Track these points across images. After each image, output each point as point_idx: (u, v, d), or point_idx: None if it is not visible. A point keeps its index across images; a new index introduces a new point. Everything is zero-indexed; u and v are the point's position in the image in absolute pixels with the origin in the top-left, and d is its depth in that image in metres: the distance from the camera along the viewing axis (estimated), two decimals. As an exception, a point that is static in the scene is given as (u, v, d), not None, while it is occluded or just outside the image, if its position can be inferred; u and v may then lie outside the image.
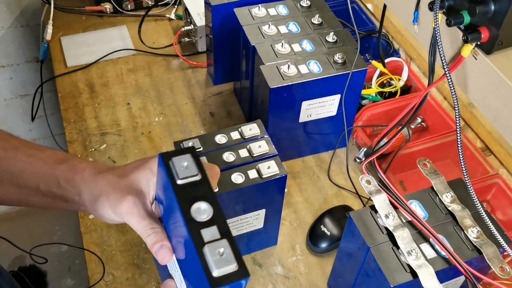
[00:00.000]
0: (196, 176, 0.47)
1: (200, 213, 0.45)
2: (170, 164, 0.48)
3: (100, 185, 0.54)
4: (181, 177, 0.47)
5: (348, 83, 0.91)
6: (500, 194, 0.96)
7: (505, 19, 0.51)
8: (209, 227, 0.45)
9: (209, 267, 0.43)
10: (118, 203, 0.52)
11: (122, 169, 0.55)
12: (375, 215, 0.69)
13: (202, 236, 0.44)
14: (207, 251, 0.43)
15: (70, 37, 1.29)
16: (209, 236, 0.44)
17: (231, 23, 1.02)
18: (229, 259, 0.43)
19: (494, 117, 0.57)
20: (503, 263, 0.63)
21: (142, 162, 0.55)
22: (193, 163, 0.48)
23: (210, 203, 0.46)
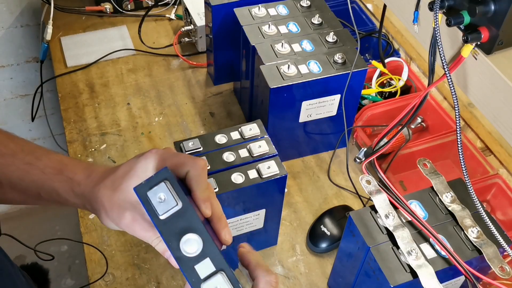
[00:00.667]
0: (176, 206, 0.47)
1: (190, 247, 0.46)
2: (147, 199, 0.47)
3: (97, 200, 0.54)
4: (161, 213, 0.47)
5: (348, 83, 0.91)
6: (500, 194, 0.96)
7: (505, 19, 0.51)
8: (202, 261, 0.45)
9: None
10: (118, 220, 0.53)
11: (113, 178, 0.55)
12: (375, 215, 0.69)
13: (197, 272, 0.45)
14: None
15: (70, 37, 1.29)
16: (204, 271, 0.45)
17: (231, 23, 1.02)
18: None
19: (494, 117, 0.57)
20: (503, 263, 0.63)
21: (129, 168, 0.54)
22: (170, 192, 0.47)
23: (197, 233, 0.46)
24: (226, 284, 0.44)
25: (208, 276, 0.45)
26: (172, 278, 0.88)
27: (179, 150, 0.80)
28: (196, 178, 0.52)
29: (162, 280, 0.88)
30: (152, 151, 0.55)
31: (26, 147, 0.60)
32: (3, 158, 0.58)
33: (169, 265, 0.89)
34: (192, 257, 0.45)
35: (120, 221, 0.53)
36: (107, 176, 0.55)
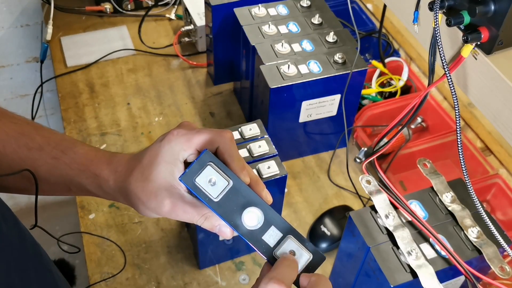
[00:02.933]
0: (228, 185, 0.47)
1: (252, 220, 0.46)
2: (196, 186, 0.47)
3: (131, 194, 0.54)
4: (215, 196, 0.47)
5: (348, 83, 0.91)
6: (500, 194, 0.96)
7: (505, 19, 0.51)
8: (268, 231, 0.46)
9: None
10: (158, 209, 0.53)
11: (141, 169, 0.54)
12: (375, 215, 0.69)
13: (266, 242, 0.46)
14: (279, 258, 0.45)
15: (70, 37, 1.29)
16: (272, 239, 0.46)
17: (231, 23, 1.02)
18: (302, 254, 0.45)
19: (494, 117, 0.57)
20: (503, 263, 0.63)
21: (155, 154, 0.53)
22: (218, 173, 0.47)
23: (254, 205, 0.47)
24: (296, 245, 0.45)
25: (277, 243, 0.46)
26: (172, 278, 0.88)
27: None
28: (228, 151, 0.51)
29: (162, 280, 0.87)
30: (173, 132, 0.54)
31: (52, 139, 0.59)
32: (30, 152, 0.57)
33: (169, 265, 0.89)
34: (257, 229, 0.46)
35: (161, 210, 0.52)
36: (134, 168, 0.54)
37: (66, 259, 1.64)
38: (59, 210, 1.85)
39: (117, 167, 0.56)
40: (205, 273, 0.89)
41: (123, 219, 0.95)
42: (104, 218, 0.95)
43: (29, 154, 0.57)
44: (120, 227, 0.94)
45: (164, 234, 0.93)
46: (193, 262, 0.90)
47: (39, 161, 0.57)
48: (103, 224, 0.94)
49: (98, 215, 0.95)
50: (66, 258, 1.65)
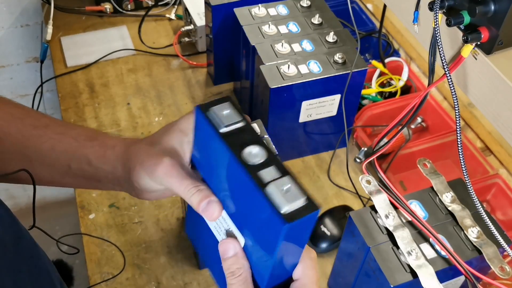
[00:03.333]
0: (240, 122, 0.45)
1: (253, 157, 0.43)
2: (210, 114, 0.46)
3: (132, 156, 0.54)
4: (225, 125, 0.45)
5: (348, 83, 0.91)
6: (500, 194, 0.96)
7: (505, 19, 0.51)
8: (266, 168, 0.42)
9: (277, 205, 0.40)
10: (154, 168, 0.51)
11: (151, 137, 0.55)
12: (375, 215, 0.69)
13: (261, 177, 0.42)
14: (271, 190, 0.40)
15: (70, 37, 1.29)
16: (269, 176, 0.42)
17: (231, 23, 1.02)
18: (296, 194, 0.41)
19: (494, 117, 0.57)
20: (503, 263, 0.63)
21: (171, 126, 0.54)
22: (234, 110, 0.46)
23: (261, 146, 0.44)
24: (292, 184, 0.41)
25: (273, 180, 0.42)
26: (172, 278, 0.88)
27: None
28: None
29: (162, 280, 0.88)
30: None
31: (59, 121, 0.60)
32: (36, 130, 0.57)
33: (169, 265, 0.89)
34: (256, 165, 0.43)
35: (156, 169, 0.50)
36: (146, 138, 0.56)
37: (65, 259, 1.64)
38: (59, 210, 1.85)
39: (127, 139, 0.57)
40: (205, 273, 0.89)
41: (123, 219, 0.95)
42: (104, 218, 0.95)
43: (34, 132, 0.57)
44: (120, 227, 0.94)
45: (164, 234, 0.93)
46: (193, 262, 0.90)
47: (44, 137, 0.57)
48: (103, 224, 0.94)
49: (98, 215, 0.95)
50: (65, 259, 1.65)
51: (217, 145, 0.45)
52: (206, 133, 0.46)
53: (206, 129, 0.46)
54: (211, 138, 0.45)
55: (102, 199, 0.98)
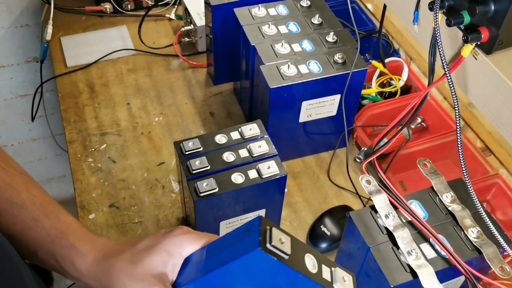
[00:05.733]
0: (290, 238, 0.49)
1: (312, 266, 0.49)
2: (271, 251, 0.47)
3: (110, 274, 0.51)
4: (288, 253, 0.47)
5: (348, 83, 0.91)
6: (500, 194, 0.96)
7: (505, 19, 0.51)
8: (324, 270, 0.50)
9: None
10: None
11: (132, 252, 0.51)
12: (375, 215, 0.69)
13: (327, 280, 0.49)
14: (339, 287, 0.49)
15: (70, 37, 1.29)
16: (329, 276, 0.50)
17: (231, 23, 1.02)
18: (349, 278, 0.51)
19: (494, 117, 0.57)
20: (503, 263, 0.63)
21: (154, 242, 0.51)
22: (281, 231, 0.48)
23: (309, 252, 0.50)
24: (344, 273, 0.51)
25: (332, 277, 0.50)
26: (172, 278, 0.88)
27: (179, 150, 0.80)
28: None
29: (162, 280, 0.87)
30: (183, 228, 0.52)
31: (39, 199, 0.57)
32: (11, 207, 0.55)
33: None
34: (317, 273, 0.49)
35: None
36: (125, 250, 0.52)
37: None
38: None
39: (101, 246, 0.54)
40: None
41: (123, 219, 0.95)
42: (104, 218, 0.95)
43: (9, 209, 0.55)
44: (120, 227, 0.94)
45: (164, 234, 0.93)
46: (193, 262, 0.90)
47: (17, 218, 0.55)
48: (103, 224, 0.94)
49: (98, 215, 0.95)
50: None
51: (283, 273, 0.48)
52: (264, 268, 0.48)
53: (267, 264, 0.47)
54: (274, 269, 0.48)
55: (102, 199, 0.98)
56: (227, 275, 0.49)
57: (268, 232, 0.47)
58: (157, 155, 1.05)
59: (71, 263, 0.53)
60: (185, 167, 0.78)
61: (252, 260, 0.47)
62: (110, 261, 0.51)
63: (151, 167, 1.03)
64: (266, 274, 0.48)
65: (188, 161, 0.78)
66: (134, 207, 0.97)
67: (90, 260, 0.52)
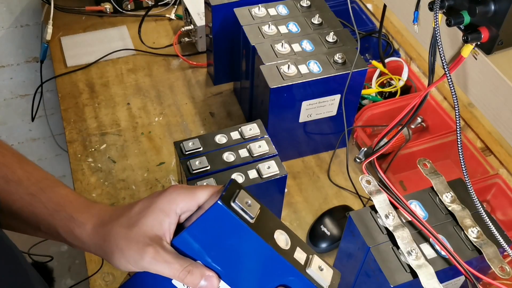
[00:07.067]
0: (259, 208, 0.49)
1: (283, 242, 0.49)
2: (234, 208, 0.47)
3: (109, 240, 0.51)
4: (252, 216, 0.48)
5: (348, 83, 0.91)
6: (500, 194, 0.96)
7: (505, 19, 0.51)
8: (296, 251, 0.49)
9: (321, 285, 0.49)
10: (138, 257, 0.49)
11: (128, 216, 0.51)
12: (375, 215, 0.69)
13: (298, 261, 0.49)
14: (312, 272, 0.48)
15: (70, 37, 1.29)
16: (301, 258, 0.49)
17: (231, 23, 1.02)
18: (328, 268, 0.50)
19: (494, 117, 0.57)
20: (503, 263, 0.63)
21: (149, 203, 0.51)
22: (253, 199, 0.49)
23: (284, 230, 0.50)
24: (322, 262, 0.49)
25: (306, 262, 0.49)
26: (172, 278, 0.88)
27: (179, 150, 0.80)
28: None
29: (162, 280, 0.87)
30: (175, 186, 0.52)
31: (33, 175, 0.57)
32: (8, 184, 0.55)
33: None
34: (287, 250, 0.49)
35: (141, 258, 0.49)
36: (122, 214, 0.52)
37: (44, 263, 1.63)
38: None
39: (99, 213, 0.54)
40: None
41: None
42: (104, 218, 0.95)
43: (6, 187, 0.55)
44: (120, 227, 0.94)
45: (164, 234, 0.93)
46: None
47: (15, 195, 0.55)
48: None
49: (98, 215, 0.95)
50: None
51: (247, 236, 0.48)
52: (229, 226, 0.48)
53: (230, 222, 0.48)
54: (238, 230, 0.48)
55: (102, 199, 0.98)
56: (198, 233, 0.49)
57: (236, 192, 0.48)
58: (157, 155, 1.05)
59: (72, 233, 0.54)
60: (185, 167, 0.78)
61: (215, 215, 0.47)
62: (108, 227, 0.52)
63: (151, 167, 1.03)
64: (232, 235, 0.48)
65: (188, 161, 0.78)
66: (134, 207, 0.97)
67: (89, 228, 0.53)
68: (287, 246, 0.48)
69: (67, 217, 0.54)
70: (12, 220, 0.55)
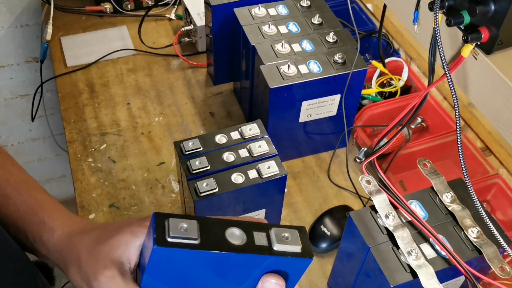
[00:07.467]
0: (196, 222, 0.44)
1: (236, 239, 0.45)
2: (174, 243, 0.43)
3: (71, 252, 0.49)
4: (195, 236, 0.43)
5: (348, 83, 0.91)
6: (500, 194, 0.96)
7: (505, 19, 0.51)
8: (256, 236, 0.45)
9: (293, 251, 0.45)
10: (92, 277, 0.46)
11: (99, 232, 0.49)
12: (375, 215, 0.69)
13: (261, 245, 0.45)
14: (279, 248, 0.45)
15: (70, 37, 1.29)
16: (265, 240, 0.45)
17: (231, 23, 1.02)
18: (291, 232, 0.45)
19: (494, 117, 0.57)
20: (503, 263, 0.63)
21: (123, 224, 0.49)
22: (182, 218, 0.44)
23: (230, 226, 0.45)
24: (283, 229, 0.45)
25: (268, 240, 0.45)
26: (172, 278, 0.88)
27: (179, 150, 0.80)
28: None
29: (162, 280, 0.87)
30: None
31: (14, 177, 0.56)
32: None
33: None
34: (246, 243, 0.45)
35: (95, 278, 0.46)
36: (95, 229, 0.50)
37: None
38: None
39: (72, 223, 0.52)
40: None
41: (123, 219, 0.95)
42: (104, 218, 0.95)
43: None
44: (120, 227, 0.94)
45: (164, 234, 0.93)
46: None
47: None
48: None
49: (98, 215, 0.95)
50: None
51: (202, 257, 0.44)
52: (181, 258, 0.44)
53: (179, 255, 0.44)
54: (190, 257, 0.44)
55: (102, 199, 0.98)
56: (157, 275, 0.46)
57: (166, 225, 0.43)
58: (157, 155, 1.05)
59: (39, 238, 0.52)
60: (185, 167, 0.78)
61: (160, 259, 0.44)
62: (76, 238, 0.50)
63: (151, 167, 1.03)
64: (189, 263, 0.45)
65: (188, 161, 0.78)
66: (134, 207, 0.97)
67: (57, 235, 0.51)
68: (243, 240, 0.45)
69: (39, 221, 0.53)
70: None
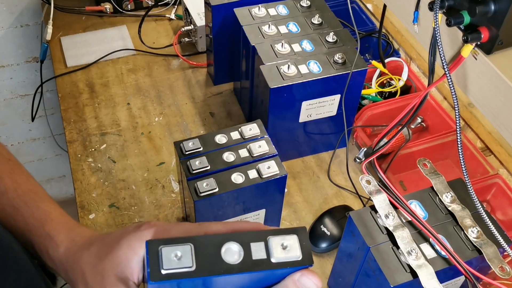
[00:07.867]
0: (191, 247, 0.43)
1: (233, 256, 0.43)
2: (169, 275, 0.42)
3: (76, 268, 0.49)
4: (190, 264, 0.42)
5: (348, 83, 0.91)
6: (500, 194, 0.96)
7: (505, 19, 0.51)
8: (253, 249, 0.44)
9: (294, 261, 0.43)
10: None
11: (99, 246, 0.49)
12: (375, 215, 0.69)
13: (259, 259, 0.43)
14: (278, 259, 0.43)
15: (70, 37, 1.29)
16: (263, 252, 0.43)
17: (231, 23, 1.02)
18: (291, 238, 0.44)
19: (494, 117, 0.57)
20: (503, 263, 0.63)
21: (121, 237, 0.49)
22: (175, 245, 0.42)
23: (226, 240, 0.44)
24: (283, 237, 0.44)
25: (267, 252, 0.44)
26: (172, 278, 0.88)
27: (179, 150, 0.80)
28: None
29: (162, 280, 0.87)
30: (150, 223, 0.50)
31: (21, 187, 0.56)
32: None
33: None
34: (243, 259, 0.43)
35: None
36: (93, 243, 0.50)
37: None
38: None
39: (75, 237, 0.52)
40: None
41: (123, 219, 0.95)
42: (104, 218, 0.95)
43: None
44: (120, 227, 0.94)
45: (164, 234, 0.93)
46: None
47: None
48: (103, 224, 0.94)
49: (98, 215, 0.95)
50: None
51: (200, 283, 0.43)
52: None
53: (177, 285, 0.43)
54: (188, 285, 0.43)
55: (102, 199, 0.98)
56: None
57: (159, 255, 0.42)
58: (157, 155, 1.05)
59: (46, 253, 0.52)
60: (185, 167, 0.78)
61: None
62: (78, 253, 0.50)
63: (151, 167, 1.03)
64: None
65: (188, 161, 0.78)
66: (134, 207, 0.97)
67: (61, 251, 0.51)
68: (240, 256, 0.43)
69: (44, 235, 0.53)
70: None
